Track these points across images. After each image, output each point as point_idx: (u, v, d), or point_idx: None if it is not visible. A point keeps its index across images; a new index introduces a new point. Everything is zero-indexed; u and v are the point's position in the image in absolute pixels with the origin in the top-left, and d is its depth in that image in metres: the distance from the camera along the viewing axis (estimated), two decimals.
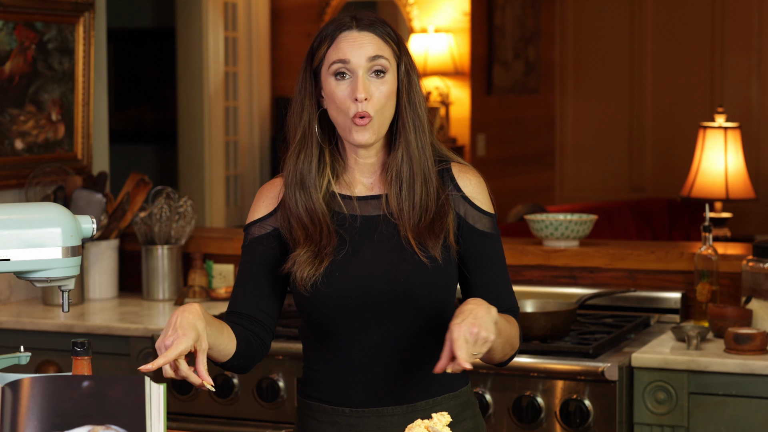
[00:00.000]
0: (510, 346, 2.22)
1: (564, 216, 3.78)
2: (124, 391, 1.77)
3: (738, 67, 8.12)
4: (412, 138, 2.20)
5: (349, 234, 2.21)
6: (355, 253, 2.20)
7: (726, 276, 3.52)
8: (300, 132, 2.22)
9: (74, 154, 4.19)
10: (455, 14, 7.30)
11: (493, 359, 2.22)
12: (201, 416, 3.42)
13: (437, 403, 2.24)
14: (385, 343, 2.20)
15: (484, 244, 2.26)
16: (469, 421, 2.28)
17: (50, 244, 2.00)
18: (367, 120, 2.16)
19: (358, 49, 2.16)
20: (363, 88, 2.15)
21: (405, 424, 2.16)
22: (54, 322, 3.68)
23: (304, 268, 2.18)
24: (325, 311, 2.19)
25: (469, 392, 2.32)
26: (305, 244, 2.20)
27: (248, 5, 7.08)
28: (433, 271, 2.19)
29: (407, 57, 2.23)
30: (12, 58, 3.91)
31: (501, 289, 2.27)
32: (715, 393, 3.06)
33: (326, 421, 2.25)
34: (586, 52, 8.53)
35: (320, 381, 2.26)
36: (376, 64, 2.17)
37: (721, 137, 5.90)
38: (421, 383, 2.23)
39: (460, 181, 2.26)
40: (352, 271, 2.19)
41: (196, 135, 6.80)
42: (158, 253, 3.97)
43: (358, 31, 2.18)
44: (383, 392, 2.21)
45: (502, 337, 2.14)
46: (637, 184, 8.45)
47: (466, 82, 7.35)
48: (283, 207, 2.25)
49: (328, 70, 2.18)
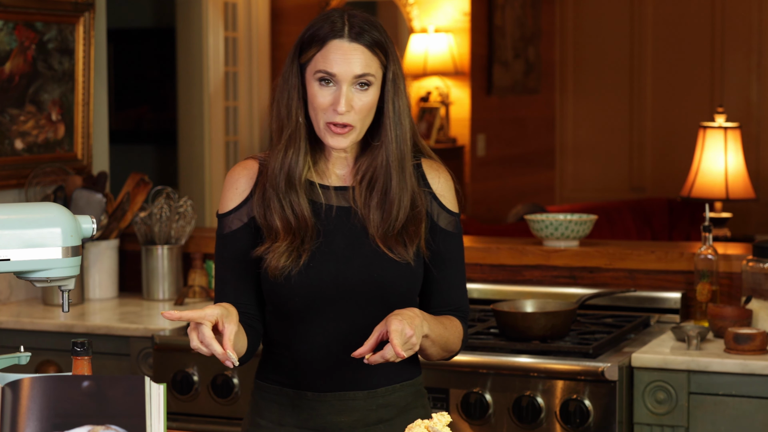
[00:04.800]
0: (446, 351, 2.31)
1: (564, 216, 3.78)
2: (124, 391, 1.77)
3: (738, 67, 8.11)
4: (393, 148, 2.23)
5: (324, 225, 2.25)
6: (330, 244, 2.24)
7: (726, 276, 3.52)
8: (288, 128, 2.24)
9: (74, 154, 4.19)
10: (455, 14, 7.30)
11: (428, 359, 2.31)
12: (201, 416, 3.42)
13: (396, 390, 2.31)
14: (353, 332, 2.25)
15: (444, 242, 2.31)
16: (421, 409, 2.35)
17: (50, 244, 2.00)
18: (346, 129, 2.19)
19: (345, 64, 2.17)
20: (345, 102, 2.17)
21: (365, 408, 2.27)
22: (54, 322, 3.68)
23: (281, 259, 2.21)
24: (297, 300, 2.23)
25: (422, 382, 2.39)
26: (285, 237, 2.22)
27: (248, 5, 7.08)
28: (406, 267, 2.24)
29: (395, 64, 2.24)
30: (12, 58, 3.91)
31: (453, 287, 2.33)
32: (715, 393, 3.06)
33: (286, 404, 2.30)
34: (586, 52, 8.53)
35: (283, 365, 2.30)
36: (362, 80, 2.19)
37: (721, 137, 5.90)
38: (384, 371, 2.28)
39: (429, 177, 2.31)
40: (328, 263, 2.23)
41: (196, 135, 6.80)
42: (158, 253, 3.97)
43: (348, 42, 2.18)
44: (347, 379, 2.27)
45: (436, 346, 2.25)
46: (637, 184, 8.45)
47: (466, 82, 7.35)
48: (260, 194, 2.26)
49: (314, 74, 2.20)
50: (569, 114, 8.60)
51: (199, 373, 3.40)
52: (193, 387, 3.41)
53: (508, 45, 7.76)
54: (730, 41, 8.11)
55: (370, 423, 2.28)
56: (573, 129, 8.61)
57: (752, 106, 8.07)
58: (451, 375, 3.15)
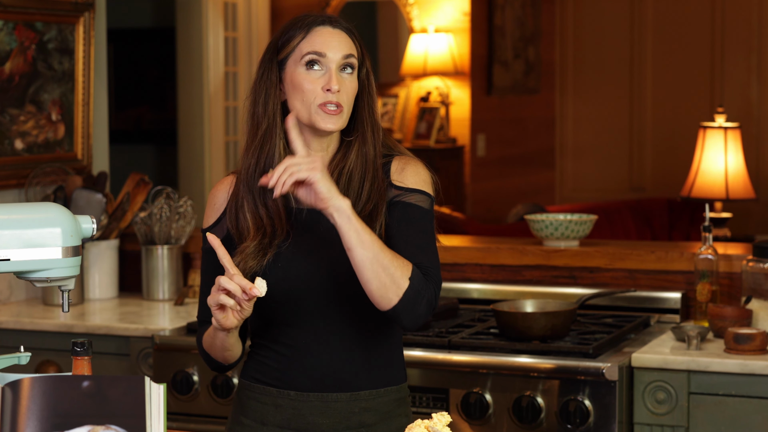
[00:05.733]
0: (383, 269, 2.14)
1: (564, 216, 3.78)
2: (124, 391, 1.77)
3: (738, 67, 8.11)
4: (369, 137, 2.28)
5: (293, 226, 2.26)
6: (299, 245, 2.25)
7: (726, 276, 3.52)
8: (265, 124, 2.26)
9: (74, 154, 4.19)
10: (455, 14, 7.30)
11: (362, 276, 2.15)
12: (201, 416, 3.42)
13: (380, 395, 2.30)
14: (331, 331, 2.26)
15: (405, 211, 2.25)
16: (403, 417, 2.35)
17: (50, 244, 2.00)
18: (339, 110, 2.22)
19: (333, 45, 2.23)
20: (336, 81, 2.22)
21: (348, 410, 2.27)
22: (54, 322, 3.68)
23: (248, 260, 2.24)
24: (272, 301, 2.25)
25: (406, 389, 2.38)
26: (255, 236, 2.25)
27: (248, 5, 7.08)
28: None
29: (368, 61, 2.31)
30: (12, 58, 3.91)
31: (410, 245, 2.22)
32: (715, 393, 3.06)
33: (270, 404, 2.31)
34: (586, 52, 8.53)
35: (266, 365, 2.32)
36: (348, 61, 2.24)
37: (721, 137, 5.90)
38: (366, 373, 2.29)
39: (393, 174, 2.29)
40: (296, 263, 2.24)
41: (196, 135, 6.80)
42: (158, 253, 3.97)
43: (332, 28, 2.25)
44: (330, 379, 2.27)
45: (367, 251, 2.12)
46: (637, 184, 8.45)
47: (466, 82, 7.35)
48: (233, 200, 2.29)
49: (300, 60, 2.23)
50: (569, 114, 8.60)
51: (199, 373, 3.40)
52: (193, 387, 3.41)
53: (508, 45, 7.76)
54: (730, 41, 8.11)
55: (352, 426, 2.28)
56: (573, 129, 8.61)
57: (752, 106, 8.07)
58: (451, 375, 3.15)
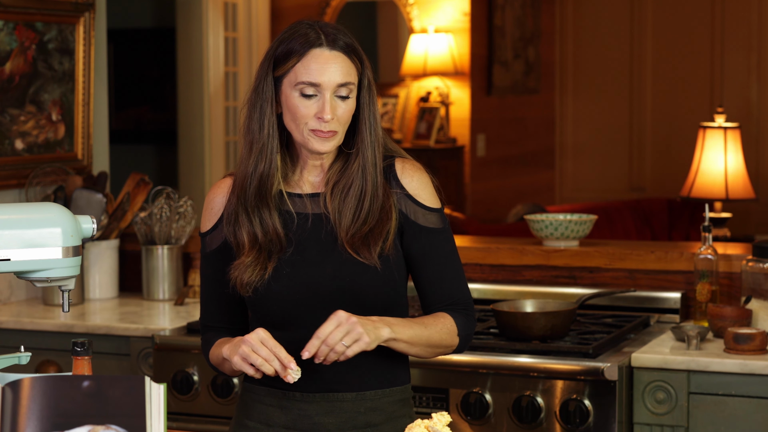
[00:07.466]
0: (434, 347, 2.28)
1: (564, 216, 3.78)
2: (124, 391, 1.77)
3: (738, 67, 8.11)
4: (369, 153, 2.26)
5: (296, 234, 2.26)
6: (302, 252, 2.25)
7: (726, 276, 3.52)
8: (261, 141, 2.25)
9: (74, 154, 4.19)
10: (455, 14, 7.30)
11: (419, 357, 2.31)
12: (201, 416, 3.42)
13: (386, 394, 2.31)
14: None
15: (428, 240, 2.30)
16: (407, 418, 2.35)
17: (50, 244, 2.00)
18: (331, 134, 2.22)
19: (328, 73, 2.20)
20: (330, 109, 2.20)
21: (353, 410, 2.27)
22: (54, 322, 3.68)
23: (245, 273, 2.24)
24: (275, 310, 2.25)
25: (410, 390, 2.39)
26: (250, 252, 2.25)
27: (248, 5, 7.09)
28: (374, 270, 2.24)
29: (369, 70, 2.28)
30: (12, 58, 3.91)
31: (446, 281, 2.31)
32: (715, 393, 3.06)
33: (275, 405, 2.31)
34: (586, 52, 8.53)
35: None
36: (343, 89, 2.22)
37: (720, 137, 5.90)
38: (372, 373, 2.29)
39: (403, 179, 2.30)
40: (300, 271, 2.24)
41: (196, 135, 6.80)
42: (158, 253, 3.97)
43: (329, 50, 2.21)
44: (335, 379, 2.28)
45: (417, 347, 2.24)
46: (637, 184, 8.45)
47: (466, 82, 7.35)
48: (228, 211, 2.29)
49: (295, 86, 2.21)
50: (569, 114, 8.60)
51: (199, 373, 3.41)
52: (193, 387, 3.41)
53: (508, 45, 7.76)
54: (730, 41, 8.11)
55: (358, 426, 2.28)
56: (573, 129, 8.61)
57: (752, 106, 8.07)
58: (451, 375, 3.15)
